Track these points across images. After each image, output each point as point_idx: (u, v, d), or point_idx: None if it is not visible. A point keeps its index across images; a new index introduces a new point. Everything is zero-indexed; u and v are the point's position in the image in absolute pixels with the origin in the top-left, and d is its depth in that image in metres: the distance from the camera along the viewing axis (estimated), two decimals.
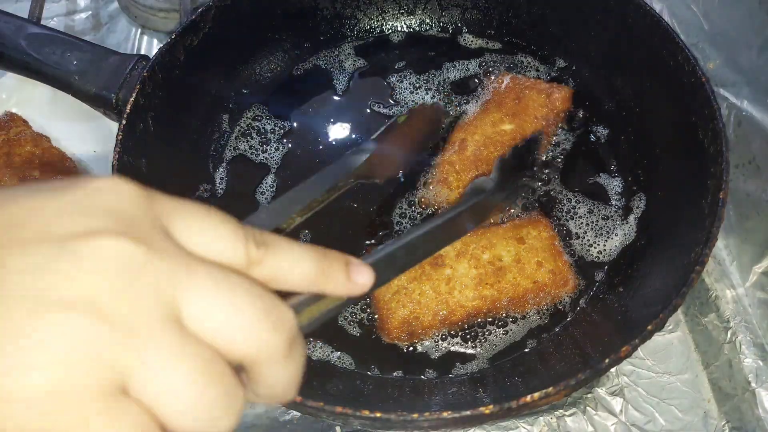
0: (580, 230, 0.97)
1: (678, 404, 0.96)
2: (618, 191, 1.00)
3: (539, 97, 1.01)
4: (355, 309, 0.92)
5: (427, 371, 0.87)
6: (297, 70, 1.16)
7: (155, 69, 0.91)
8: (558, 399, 0.72)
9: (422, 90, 1.12)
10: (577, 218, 0.98)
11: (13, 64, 0.99)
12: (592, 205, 0.99)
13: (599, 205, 0.99)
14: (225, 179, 1.04)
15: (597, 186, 1.01)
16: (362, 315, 0.91)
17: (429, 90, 1.12)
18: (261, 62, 1.13)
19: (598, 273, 0.94)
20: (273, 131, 1.08)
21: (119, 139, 0.85)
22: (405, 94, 1.11)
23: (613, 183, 1.01)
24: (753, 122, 1.00)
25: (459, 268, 0.89)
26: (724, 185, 0.77)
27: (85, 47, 0.98)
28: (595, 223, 0.97)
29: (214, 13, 0.98)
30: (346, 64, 1.16)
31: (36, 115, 1.14)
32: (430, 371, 0.87)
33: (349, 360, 0.89)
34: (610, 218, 0.98)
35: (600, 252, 0.95)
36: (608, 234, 0.96)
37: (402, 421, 0.66)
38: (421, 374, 0.87)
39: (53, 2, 1.42)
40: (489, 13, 1.16)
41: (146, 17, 1.34)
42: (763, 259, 1.00)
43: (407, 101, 1.11)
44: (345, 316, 0.91)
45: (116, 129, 0.86)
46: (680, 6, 1.16)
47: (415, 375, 0.87)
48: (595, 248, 0.96)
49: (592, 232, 0.97)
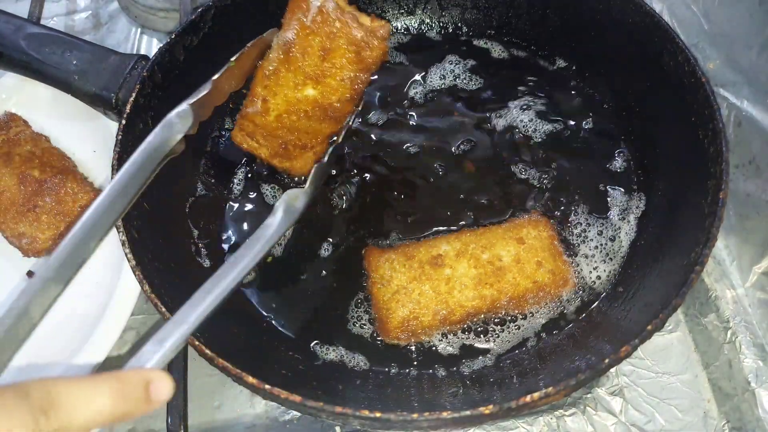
0: (580, 230, 0.97)
1: (678, 404, 0.96)
2: (617, 191, 1.00)
3: (348, 54, 0.83)
4: (359, 311, 0.92)
5: (427, 371, 0.87)
6: None
7: (155, 69, 0.91)
8: (558, 399, 0.72)
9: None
10: (577, 217, 0.98)
11: (13, 64, 1.00)
12: (592, 205, 0.99)
13: (599, 205, 0.99)
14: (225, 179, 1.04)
15: (597, 186, 1.01)
16: (365, 315, 0.91)
17: None
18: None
19: (598, 273, 0.94)
20: None
21: (119, 139, 0.85)
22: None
23: (613, 183, 1.01)
24: (753, 122, 1.00)
25: (459, 268, 0.89)
26: (724, 185, 0.77)
27: (84, 47, 0.98)
28: (596, 223, 0.97)
29: (214, 13, 0.98)
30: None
31: (36, 115, 1.13)
32: (430, 369, 0.87)
33: (353, 358, 0.89)
34: (610, 218, 0.98)
35: (600, 252, 0.95)
36: (608, 234, 0.96)
37: (401, 421, 0.66)
38: (421, 372, 0.87)
39: (53, 2, 1.42)
40: (489, 13, 1.16)
41: (146, 17, 1.34)
42: (763, 259, 1.00)
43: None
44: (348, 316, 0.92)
45: (116, 129, 0.86)
46: (680, 6, 1.16)
47: (414, 374, 0.87)
48: (595, 248, 0.96)
49: (591, 231, 0.97)
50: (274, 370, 0.83)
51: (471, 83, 1.12)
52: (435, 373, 0.87)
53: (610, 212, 0.98)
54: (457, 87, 1.12)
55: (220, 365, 0.69)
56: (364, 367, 0.88)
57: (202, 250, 0.96)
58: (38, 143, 1.09)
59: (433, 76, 1.13)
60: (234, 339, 0.86)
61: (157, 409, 0.79)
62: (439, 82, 1.13)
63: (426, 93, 1.12)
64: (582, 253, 0.95)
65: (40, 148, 1.08)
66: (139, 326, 1.02)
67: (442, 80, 1.13)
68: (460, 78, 1.13)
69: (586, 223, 0.97)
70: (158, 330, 0.61)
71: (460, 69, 1.14)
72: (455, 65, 1.14)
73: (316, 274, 0.95)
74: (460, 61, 1.14)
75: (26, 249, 1.00)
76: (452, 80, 1.13)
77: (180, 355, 0.87)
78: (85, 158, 1.11)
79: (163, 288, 0.76)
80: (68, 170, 1.06)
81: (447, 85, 1.12)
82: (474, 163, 1.04)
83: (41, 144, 1.09)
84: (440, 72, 1.13)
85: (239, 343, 0.87)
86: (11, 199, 1.01)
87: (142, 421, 0.96)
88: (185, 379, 0.86)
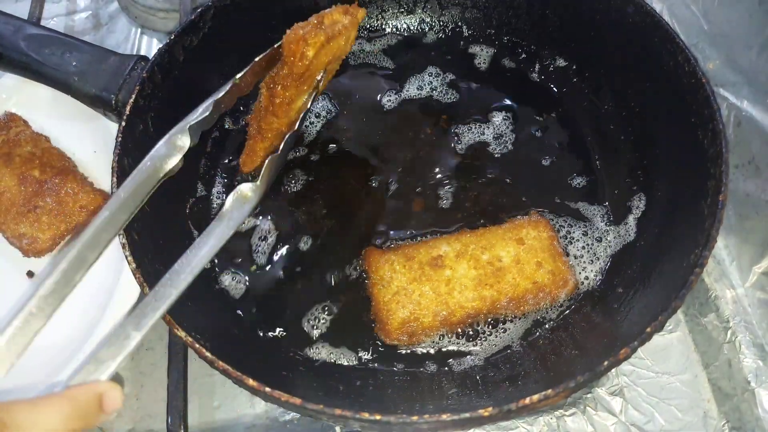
0: (580, 230, 0.97)
1: (678, 404, 0.97)
2: (617, 192, 1.00)
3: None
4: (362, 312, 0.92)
5: (425, 370, 0.87)
6: None
7: (155, 69, 0.91)
8: (557, 401, 0.72)
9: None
10: (577, 218, 0.98)
11: (13, 65, 0.99)
12: (593, 205, 0.99)
13: (599, 205, 0.99)
14: (225, 178, 1.04)
15: (597, 186, 1.01)
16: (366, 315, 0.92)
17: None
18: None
19: (598, 274, 0.94)
20: None
21: (119, 140, 0.85)
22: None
23: (613, 183, 1.01)
24: (753, 122, 1.00)
25: (459, 269, 0.89)
26: (724, 187, 0.77)
27: (84, 48, 0.98)
28: (596, 223, 0.97)
29: (214, 13, 0.98)
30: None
31: (36, 116, 1.14)
32: (429, 370, 0.87)
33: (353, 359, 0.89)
34: (610, 220, 0.98)
35: (600, 251, 0.95)
36: (608, 234, 0.96)
37: (401, 424, 0.67)
38: (421, 373, 0.87)
39: (53, 2, 1.42)
40: (489, 12, 1.16)
41: (146, 17, 1.34)
42: (763, 259, 1.00)
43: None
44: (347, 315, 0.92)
45: (116, 129, 0.86)
46: (680, 6, 1.16)
47: (414, 375, 0.87)
48: (596, 248, 0.96)
49: (592, 232, 0.97)
50: (274, 371, 0.84)
51: (447, 96, 1.12)
52: (435, 375, 0.87)
53: (610, 213, 0.98)
54: (432, 98, 1.12)
55: (221, 368, 0.69)
56: (364, 368, 0.88)
57: None
58: (38, 143, 1.09)
59: (411, 86, 1.13)
60: (234, 341, 0.86)
61: (157, 410, 0.81)
62: (416, 92, 1.12)
63: (401, 101, 1.12)
64: (582, 253, 0.95)
65: (40, 148, 1.08)
66: None
67: (419, 91, 1.12)
68: (437, 91, 1.13)
69: (586, 223, 0.97)
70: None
71: (438, 82, 1.13)
72: (434, 77, 1.14)
73: (316, 275, 0.95)
74: (440, 73, 1.14)
75: (27, 249, 1.01)
76: (429, 92, 1.12)
77: (180, 356, 0.87)
78: (85, 159, 1.11)
79: None
80: (68, 170, 1.06)
81: (424, 95, 1.12)
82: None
83: (41, 144, 1.09)
84: (418, 83, 1.13)
85: (239, 345, 0.87)
86: (12, 200, 1.02)
87: (142, 421, 0.97)
88: (185, 379, 0.86)
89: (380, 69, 1.15)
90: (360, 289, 0.93)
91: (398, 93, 1.12)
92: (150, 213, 0.83)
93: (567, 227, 0.97)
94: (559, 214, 0.98)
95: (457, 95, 1.12)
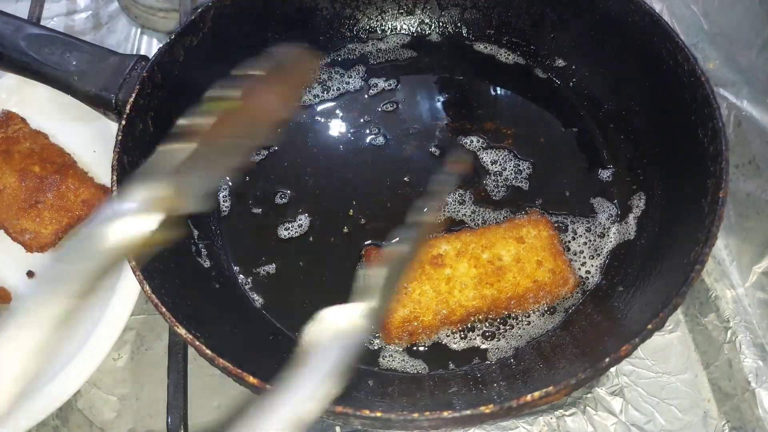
0: (580, 230, 0.97)
1: (678, 404, 0.96)
2: (617, 191, 1.00)
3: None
4: None
5: (426, 369, 0.87)
6: None
7: (155, 69, 0.91)
8: (558, 398, 0.72)
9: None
10: (577, 218, 0.98)
11: (13, 64, 0.99)
12: (593, 206, 0.99)
13: (599, 206, 0.99)
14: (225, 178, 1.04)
15: (597, 186, 1.01)
16: None
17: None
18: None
19: (598, 272, 0.94)
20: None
21: (119, 140, 0.85)
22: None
23: (613, 183, 1.01)
24: (753, 122, 1.00)
25: (459, 268, 0.89)
26: (724, 185, 0.77)
27: (84, 48, 0.98)
28: (596, 223, 0.97)
29: (214, 13, 0.98)
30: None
31: (36, 115, 1.14)
32: (430, 368, 0.87)
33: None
34: (609, 219, 0.98)
35: (599, 251, 0.95)
36: (608, 234, 0.96)
37: (402, 421, 0.66)
38: (421, 371, 0.87)
39: (53, 2, 1.42)
40: (489, 12, 1.16)
41: (146, 17, 1.34)
42: (763, 259, 1.00)
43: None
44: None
45: (116, 129, 0.86)
46: (680, 6, 1.16)
47: (414, 373, 0.87)
48: (596, 248, 0.96)
49: (592, 232, 0.97)
50: (274, 369, 0.83)
51: (447, 96, 1.13)
52: (435, 373, 0.87)
53: (609, 214, 0.98)
54: (433, 99, 1.13)
55: (221, 365, 0.69)
56: (364, 367, 0.88)
57: (202, 250, 0.95)
58: (37, 140, 1.09)
59: (411, 86, 1.14)
60: (234, 339, 0.86)
61: (157, 410, 0.80)
62: (417, 92, 1.13)
63: (401, 101, 1.12)
64: (582, 251, 0.95)
65: (39, 144, 1.08)
66: (139, 326, 1.02)
67: (420, 91, 1.13)
68: (438, 91, 1.13)
69: (586, 223, 0.97)
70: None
71: (438, 82, 1.14)
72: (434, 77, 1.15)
73: (315, 275, 0.95)
74: (441, 73, 1.15)
75: (30, 245, 1.01)
76: (429, 92, 1.13)
77: (180, 356, 0.86)
78: (85, 159, 1.11)
79: (163, 288, 0.76)
80: (68, 166, 1.06)
81: (425, 96, 1.13)
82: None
83: (40, 141, 1.09)
84: (418, 83, 1.14)
85: (239, 343, 0.86)
86: (13, 196, 1.02)
87: (142, 421, 0.96)
88: (185, 379, 0.86)
89: (380, 69, 1.16)
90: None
91: (398, 93, 1.12)
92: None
93: (569, 224, 0.97)
94: (558, 212, 0.98)
95: (457, 95, 1.12)
